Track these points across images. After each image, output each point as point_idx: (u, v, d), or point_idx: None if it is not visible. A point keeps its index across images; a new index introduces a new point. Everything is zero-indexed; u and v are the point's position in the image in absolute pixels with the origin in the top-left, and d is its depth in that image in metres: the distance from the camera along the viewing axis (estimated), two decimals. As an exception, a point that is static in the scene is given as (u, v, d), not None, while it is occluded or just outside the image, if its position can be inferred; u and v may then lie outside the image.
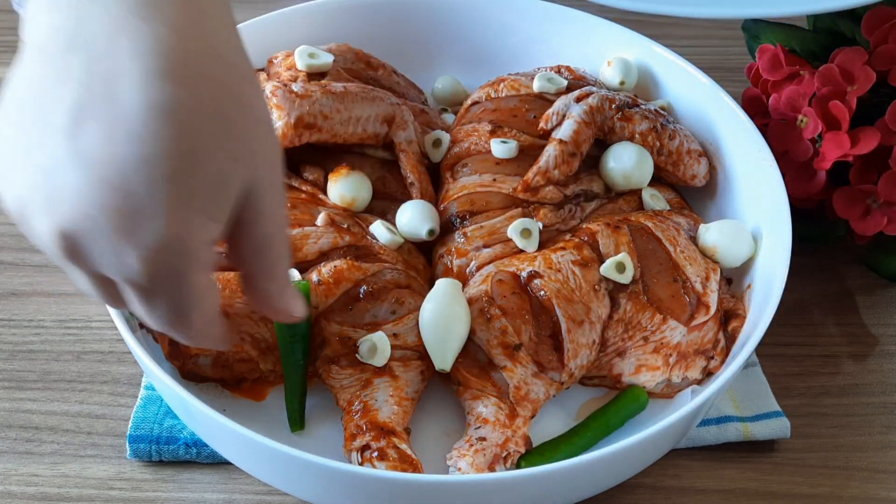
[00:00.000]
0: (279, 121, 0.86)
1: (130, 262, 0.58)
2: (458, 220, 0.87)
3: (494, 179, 0.89)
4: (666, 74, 1.00)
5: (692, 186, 0.94)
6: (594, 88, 0.94)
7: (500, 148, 0.89)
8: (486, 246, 0.86)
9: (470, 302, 0.82)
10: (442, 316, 0.80)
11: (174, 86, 0.56)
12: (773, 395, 0.88)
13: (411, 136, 0.91)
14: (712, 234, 0.87)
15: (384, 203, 0.90)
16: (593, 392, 0.86)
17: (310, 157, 0.91)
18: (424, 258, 0.89)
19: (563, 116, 0.91)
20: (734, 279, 0.89)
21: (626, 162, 0.90)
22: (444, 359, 0.80)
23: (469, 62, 1.06)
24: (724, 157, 0.94)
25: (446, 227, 0.88)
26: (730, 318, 0.86)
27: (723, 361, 0.84)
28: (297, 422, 0.81)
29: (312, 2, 1.03)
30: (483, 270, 0.85)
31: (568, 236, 0.86)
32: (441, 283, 0.82)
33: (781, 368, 0.91)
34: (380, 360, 0.80)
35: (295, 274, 0.82)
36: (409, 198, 0.90)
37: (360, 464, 0.77)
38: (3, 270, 0.96)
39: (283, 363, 0.81)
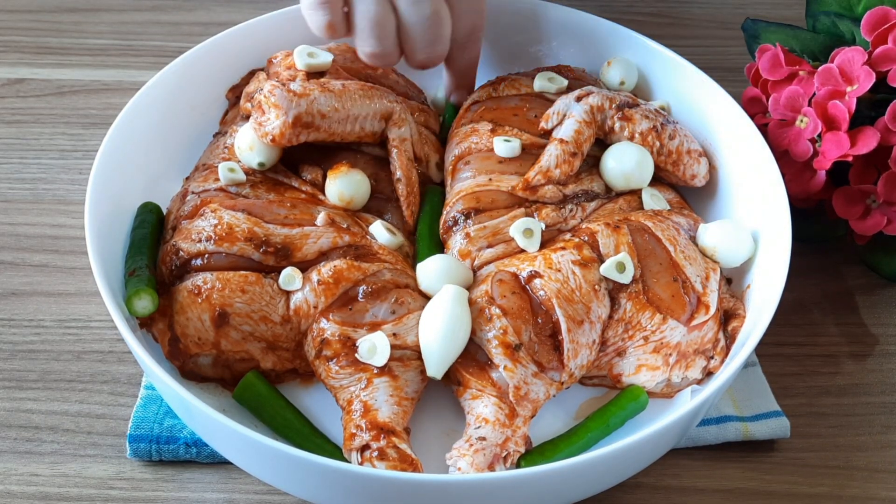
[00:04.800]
0: (276, 120, 0.86)
1: None
2: (463, 218, 0.87)
3: (490, 179, 0.89)
4: (666, 74, 1.00)
5: (692, 186, 0.94)
6: (594, 88, 0.94)
7: (504, 146, 0.90)
8: (489, 246, 0.86)
9: (470, 302, 0.82)
10: (445, 324, 0.80)
11: None
12: (772, 395, 0.88)
13: (405, 134, 0.91)
14: (712, 234, 0.87)
15: (380, 202, 0.90)
16: (593, 392, 0.86)
17: (308, 156, 0.91)
18: (424, 258, 0.89)
19: (564, 116, 0.91)
20: (734, 279, 0.89)
21: (627, 162, 0.90)
22: (437, 367, 0.80)
23: (469, 62, 1.06)
24: (724, 157, 0.95)
25: (448, 227, 0.88)
26: (730, 318, 0.86)
27: (723, 361, 0.84)
28: None
29: (312, 2, 1.03)
30: (483, 270, 0.85)
31: (568, 236, 0.86)
32: (448, 290, 0.82)
33: (781, 368, 0.91)
34: (379, 359, 0.80)
35: (296, 276, 0.82)
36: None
37: (360, 463, 0.77)
38: (3, 270, 0.96)
39: None
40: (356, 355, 0.80)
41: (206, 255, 0.82)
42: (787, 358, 0.92)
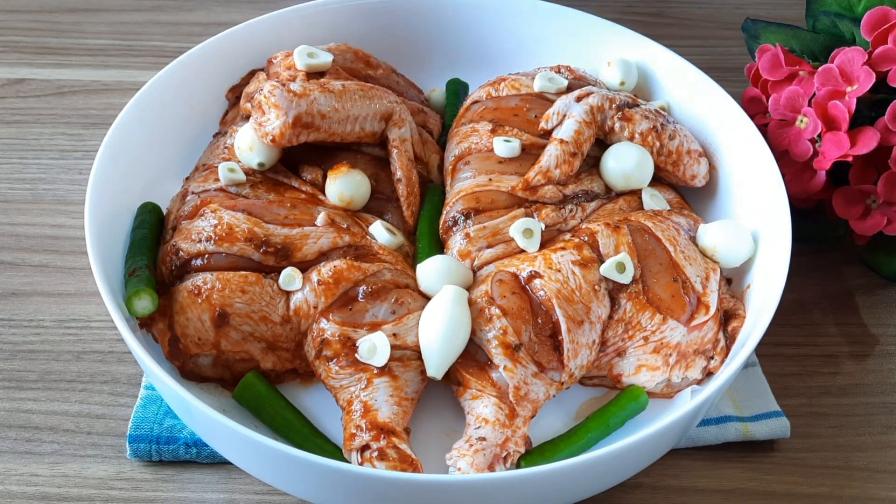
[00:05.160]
0: (276, 120, 0.86)
1: None
2: (463, 218, 0.87)
3: (490, 179, 0.89)
4: (666, 74, 1.00)
5: (692, 186, 0.94)
6: (594, 88, 0.94)
7: (504, 147, 0.90)
8: (489, 246, 0.86)
9: (470, 302, 0.82)
10: (445, 325, 0.80)
11: None
12: (772, 395, 0.88)
13: (406, 134, 0.91)
14: (712, 234, 0.87)
15: (380, 202, 0.90)
16: (593, 392, 0.86)
17: (308, 156, 0.91)
18: (424, 258, 0.89)
19: (564, 116, 0.91)
20: (734, 279, 0.89)
21: (627, 162, 0.90)
22: (437, 368, 0.80)
23: (469, 62, 1.06)
24: (724, 157, 0.95)
25: (448, 227, 0.88)
26: (730, 318, 0.86)
27: (723, 361, 0.84)
28: None
29: (312, 2, 1.03)
30: (483, 270, 0.85)
31: (568, 236, 0.86)
32: (447, 291, 0.82)
33: (781, 368, 0.91)
34: (379, 360, 0.80)
35: (296, 276, 0.82)
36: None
37: (360, 463, 0.77)
38: (3, 270, 0.96)
39: None
40: (356, 355, 0.80)
41: (206, 256, 0.82)
42: (787, 358, 0.92)
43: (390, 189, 0.91)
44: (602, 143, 0.92)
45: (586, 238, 0.84)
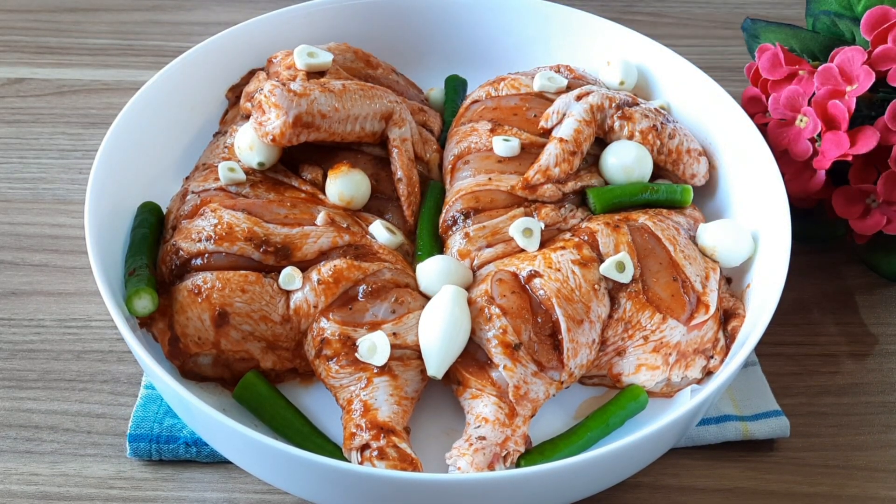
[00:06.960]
0: (277, 120, 0.86)
1: None
2: (462, 218, 0.87)
3: (490, 178, 0.89)
4: (666, 74, 1.00)
5: (692, 185, 0.94)
6: (594, 87, 0.94)
7: (503, 146, 0.90)
8: (488, 245, 0.86)
9: (470, 302, 0.82)
10: (445, 325, 0.80)
11: None
12: (772, 395, 0.88)
13: (406, 134, 0.91)
14: (712, 233, 0.87)
15: (380, 202, 0.90)
16: (593, 391, 0.86)
17: (308, 156, 0.91)
18: (424, 258, 0.89)
19: (564, 115, 0.91)
20: (734, 279, 0.89)
21: (626, 157, 0.90)
22: (437, 367, 0.80)
23: (468, 61, 1.06)
24: (724, 157, 0.95)
25: (448, 226, 0.88)
26: (729, 318, 0.86)
27: (722, 360, 0.84)
28: None
29: (312, 2, 1.03)
30: (483, 270, 0.85)
31: (568, 235, 0.86)
32: (447, 291, 0.82)
33: (781, 368, 0.91)
34: (379, 359, 0.80)
35: (296, 275, 0.82)
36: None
37: (360, 463, 0.77)
38: (3, 270, 0.96)
39: None
40: (356, 355, 0.80)
41: (206, 255, 0.83)
42: (787, 357, 0.93)
43: (390, 189, 0.91)
44: (601, 141, 0.92)
45: (586, 237, 0.84)
